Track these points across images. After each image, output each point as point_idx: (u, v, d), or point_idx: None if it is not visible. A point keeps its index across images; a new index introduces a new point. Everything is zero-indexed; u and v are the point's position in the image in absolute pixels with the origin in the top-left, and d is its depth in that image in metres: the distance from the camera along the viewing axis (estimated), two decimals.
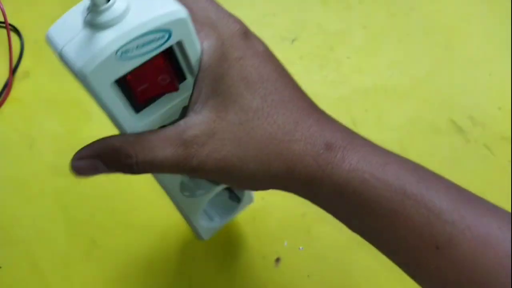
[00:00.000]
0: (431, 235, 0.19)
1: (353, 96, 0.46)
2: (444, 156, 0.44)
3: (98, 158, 0.20)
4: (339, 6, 0.52)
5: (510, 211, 0.22)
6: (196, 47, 0.20)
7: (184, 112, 0.21)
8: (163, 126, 0.21)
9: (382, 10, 0.52)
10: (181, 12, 0.18)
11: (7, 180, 0.39)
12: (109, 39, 0.17)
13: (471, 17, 0.53)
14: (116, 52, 0.17)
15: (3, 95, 0.44)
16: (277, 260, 0.38)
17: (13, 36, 0.47)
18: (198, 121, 0.20)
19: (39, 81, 0.45)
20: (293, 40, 0.49)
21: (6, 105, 0.43)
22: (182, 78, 0.21)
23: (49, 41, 0.19)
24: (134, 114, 0.20)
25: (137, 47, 0.18)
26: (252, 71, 0.20)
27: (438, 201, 0.20)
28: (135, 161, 0.20)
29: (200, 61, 0.20)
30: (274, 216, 0.40)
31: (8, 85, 0.44)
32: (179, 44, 0.19)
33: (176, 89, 0.21)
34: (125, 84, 0.19)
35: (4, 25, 0.46)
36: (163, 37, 0.18)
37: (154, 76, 0.19)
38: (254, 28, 0.52)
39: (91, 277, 0.37)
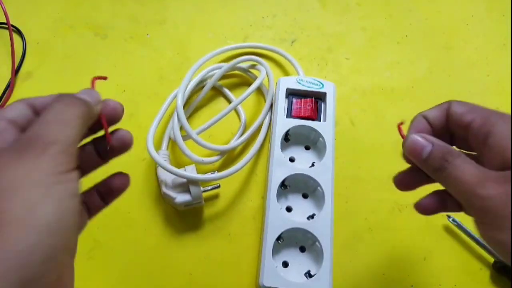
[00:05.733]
0: None
1: (352, 97, 0.47)
2: None
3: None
4: (337, 7, 0.53)
5: None
6: (331, 110, 0.41)
7: None
8: None
9: (380, 11, 0.53)
10: (332, 85, 0.42)
11: None
12: (297, 78, 0.42)
13: (469, 18, 0.53)
14: (297, 80, 0.42)
15: (5, 96, 0.44)
16: None
17: (15, 37, 0.48)
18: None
19: (42, 81, 0.45)
20: (292, 42, 0.50)
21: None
22: (318, 119, 0.41)
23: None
24: (285, 118, 0.40)
25: (306, 82, 0.42)
26: None
27: None
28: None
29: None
30: None
31: (10, 86, 0.45)
32: (324, 95, 0.41)
33: (313, 118, 0.40)
34: (290, 103, 0.42)
35: (6, 26, 0.47)
36: (318, 84, 0.42)
37: (304, 104, 0.41)
38: (254, 29, 0.52)
39: (93, 276, 0.37)
